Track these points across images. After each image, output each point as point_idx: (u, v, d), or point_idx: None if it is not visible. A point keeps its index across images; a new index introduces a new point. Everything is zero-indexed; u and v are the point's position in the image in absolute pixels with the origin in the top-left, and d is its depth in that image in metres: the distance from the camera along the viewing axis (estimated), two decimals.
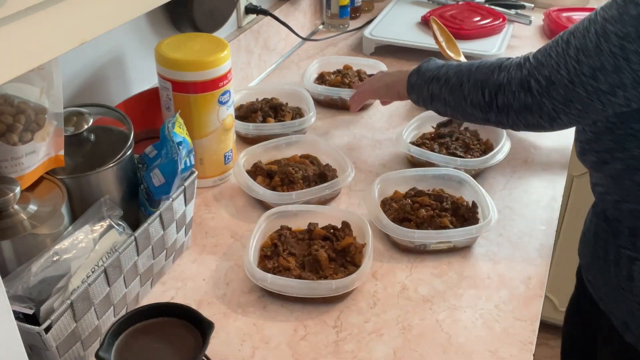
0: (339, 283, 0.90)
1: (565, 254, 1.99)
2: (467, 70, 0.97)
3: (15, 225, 0.74)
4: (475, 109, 0.96)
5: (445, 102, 1.01)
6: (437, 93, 1.01)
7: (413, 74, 1.07)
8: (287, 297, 0.92)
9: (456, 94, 0.98)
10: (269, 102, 1.34)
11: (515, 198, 1.16)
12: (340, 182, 1.12)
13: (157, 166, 0.87)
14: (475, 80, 0.95)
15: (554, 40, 0.86)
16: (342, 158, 1.17)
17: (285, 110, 1.33)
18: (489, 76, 0.93)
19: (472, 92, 0.95)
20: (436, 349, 0.86)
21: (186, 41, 1.10)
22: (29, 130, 0.74)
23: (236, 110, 1.31)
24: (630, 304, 0.94)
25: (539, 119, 0.88)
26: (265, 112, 1.31)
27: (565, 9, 1.88)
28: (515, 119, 0.91)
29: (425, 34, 1.72)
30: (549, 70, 0.84)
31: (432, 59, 1.07)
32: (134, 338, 0.74)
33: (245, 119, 1.30)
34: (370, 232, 0.98)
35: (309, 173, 1.13)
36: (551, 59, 0.84)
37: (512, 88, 0.89)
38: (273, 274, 0.92)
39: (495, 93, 0.92)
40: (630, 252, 0.92)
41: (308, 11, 1.80)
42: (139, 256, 0.85)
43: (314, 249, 0.97)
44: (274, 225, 1.03)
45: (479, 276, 0.99)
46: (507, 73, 0.90)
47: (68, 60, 1.01)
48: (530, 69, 0.87)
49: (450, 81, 0.99)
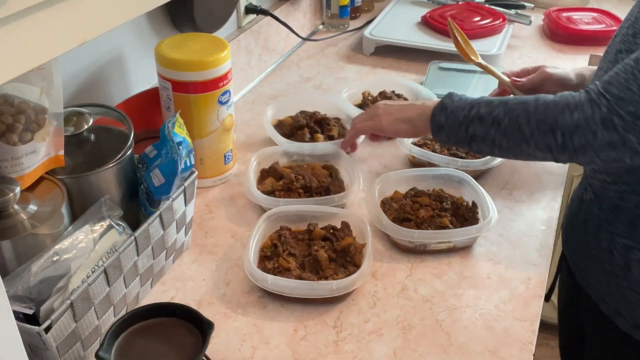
0: (339, 283, 0.90)
1: None
2: (523, 110, 0.90)
3: (15, 225, 0.74)
4: (541, 151, 0.90)
5: (494, 143, 0.93)
6: (481, 134, 0.94)
7: (439, 114, 0.98)
8: (287, 297, 0.92)
9: (514, 137, 0.91)
10: (312, 117, 1.29)
11: (515, 198, 1.16)
12: (336, 200, 1.07)
13: (157, 166, 0.87)
14: (538, 122, 0.88)
15: (625, 70, 0.82)
16: (356, 176, 1.12)
17: (330, 124, 1.28)
18: (557, 117, 0.87)
19: (537, 135, 0.88)
20: (436, 349, 0.86)
21: (186, 41, 1.10)
22: (29, 130, 0.74)
23: (277, 127, 1.27)
24: (624, 291, 0.95)
25: (622, 154, 0.84)
26: (312, 127, 1.26)
27: (565, 9, 1.88)
28: (593, 157, 0.86)
29: (426, 34, 1.72)
30: (634, 105, 0.80)
31: (452, 94, 0.99)
32: (134, 338, 0.74)
33: (291, 136, 1.25)
34: (370, 232, 0.98)
35: (312, 184, 1.10)
36: (633, 93, 0.80)
37: (592, 127, 0.84)
38: (273, 274, 0.92)
39: (571, 135, 0.86)
40: (627, 241, 0.92)
41: (308, 11, 1.79)
42: (139, 256, 0.85)
43: (314, 249, 0.97)
44: (273, 225, 1.02)
45: (479, 276, 0.99)
46: (581, 112, 0.85)
47: (68, 60, 1.01)
48: (610, 106, 0.82)
49: (501, 123, 0.91)
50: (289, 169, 1.17)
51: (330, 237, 1.00)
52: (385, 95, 1.40)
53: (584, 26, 1.78)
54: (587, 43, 1.75)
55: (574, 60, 1.68)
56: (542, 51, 1.75)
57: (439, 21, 1.73)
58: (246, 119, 1.40)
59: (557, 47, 1.77)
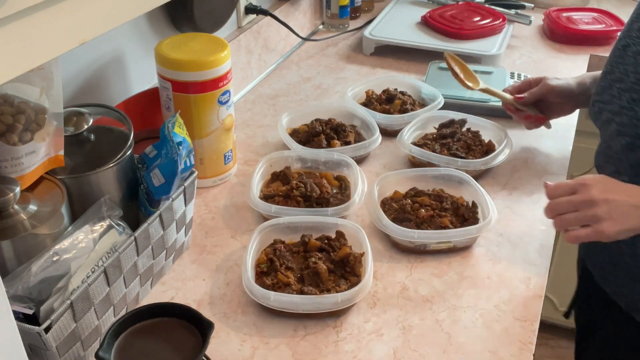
0: (344, 296, 0.88)
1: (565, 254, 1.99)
2: None
3: (15, 225, 0.74)
4: None
5: None
6: None
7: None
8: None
9: None
10: (328, 124, 1.28)
11: (515, 198, 1.16)
12: (329, 213, 1.04)
13: (157, 166, 0.87)
14: None
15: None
16: (360, 190, 1.08)
17: (347, 130, 1.27)
18: None
19: None
20: (436, 349, 0.86)
21: (186, 41, 1.09)
22: (29, 130, 0.74)
23: (292, 135, 1.26)
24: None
25: None
26: (327, 134, 1.25)
27: (565, 9, 1.88)
28: None
29: (426, 34, 1.72)
30: None
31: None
32: (133, 338, 0.74)
33: (307, 143, 1.24)
34: (367, 240, 0.97)
35: (312, 194, 1.08)
36: None
37: None
38: (273, 290, 0.90)
39: None
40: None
41: (308, 11, 1.80)
42: (139, 256, 0.85)
43: (312, 261, 0.95)
44: (266, 238, 1.00)
45: (479, 276, 0.99)
46: None
47: (68, 60, 1.01)
48: None
49: None
50: (299, 175, 1.15)
51: (326, 248, 0.98)
52: (390, 93, 1.40)
53: (584, 26, 1.78)
54: (587, 43, 1.75)
55: (574, 61, 1.68)
56: (542, 51, 1.75)
57: (439, 21, 1.73)
58: (246, 119, 1.40)
59: (557, 47, 1.77)
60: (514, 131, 1.31)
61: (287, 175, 1.14)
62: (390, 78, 1.49)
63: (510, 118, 1.30)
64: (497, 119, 1.32)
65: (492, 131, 1.27)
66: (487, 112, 1.37)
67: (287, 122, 1.30)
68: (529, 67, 1.66)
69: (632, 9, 1.03)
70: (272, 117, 1.41)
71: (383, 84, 1.45)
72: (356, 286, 0.90)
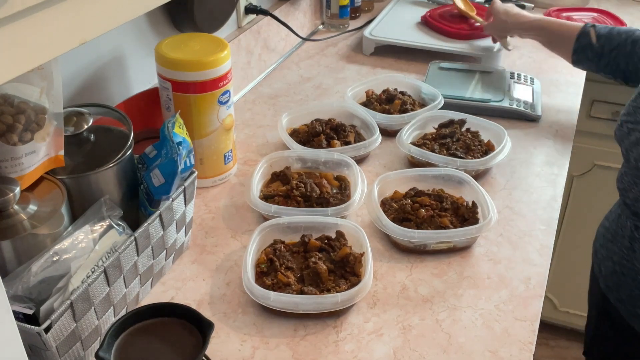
0: (344, 296, 0.88)
1: (565, 254, 1.99)
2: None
3: (15, 225, 0.74)
4: None
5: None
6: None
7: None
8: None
9: None
10: (328, 124, 1.28)
11: (515, 198, 1.16)
12: (329, 213, 1.04)
13: (157, 166, 0.87)
14: None
15: None
16: (360, 190, 1.08)
17: (347, 130, 1.27)
18: None
19: None
20: (436, 349, 0.86)
21: (186, 41, 1.10)
22: (29, 130, 0.74)
23: (292, 135, 1.26)
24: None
25: None
26: (327, 134, 1.25)
27: (565, 9, 1.88)
28: None
29: (426, 34, 1.72)
30: None
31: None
32: (133, 338, 0.73)
33: (307, 143, 1.24)
34: (367, 240, 0.97)
35: (312, 194, 1.08)
36: None
37: None
38: (273, 290, 0.90)
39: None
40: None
41: (308, 11, 1.80)
42: (139, 256, 0.85)
43: (312, 261, 0.95)
44: (266, 238, 0.99)
45: (479, 276, 0.99)
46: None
47: (68, 60, 1.01)
48: None
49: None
50: (299, 175, 1.15)
51: (326, 248, 0.98)
52: (390, 93, 1.40)
53: None
54: None
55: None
56: (542, 51, 1.74)
57: (439, 21, 1.73)
58: (246, 119, 1.40)
59: None
60: (513, 131, 1.31)
61: (287, 175, 1.14)
62: (390, 78, 1.49)
63: (510, 118, 1.30)
64: (497, 119, 1.32)
65: (492, 131, 1.27)
66: (487, 112, 1.37)
67: (287, 122, 1.29)
68: (529, 67, 1.66)
69: (632, 9, 1.03)
70: (272, 117, 1.41)
71: (383, 84, 1.45)
72: (356, 286, 0.90)
